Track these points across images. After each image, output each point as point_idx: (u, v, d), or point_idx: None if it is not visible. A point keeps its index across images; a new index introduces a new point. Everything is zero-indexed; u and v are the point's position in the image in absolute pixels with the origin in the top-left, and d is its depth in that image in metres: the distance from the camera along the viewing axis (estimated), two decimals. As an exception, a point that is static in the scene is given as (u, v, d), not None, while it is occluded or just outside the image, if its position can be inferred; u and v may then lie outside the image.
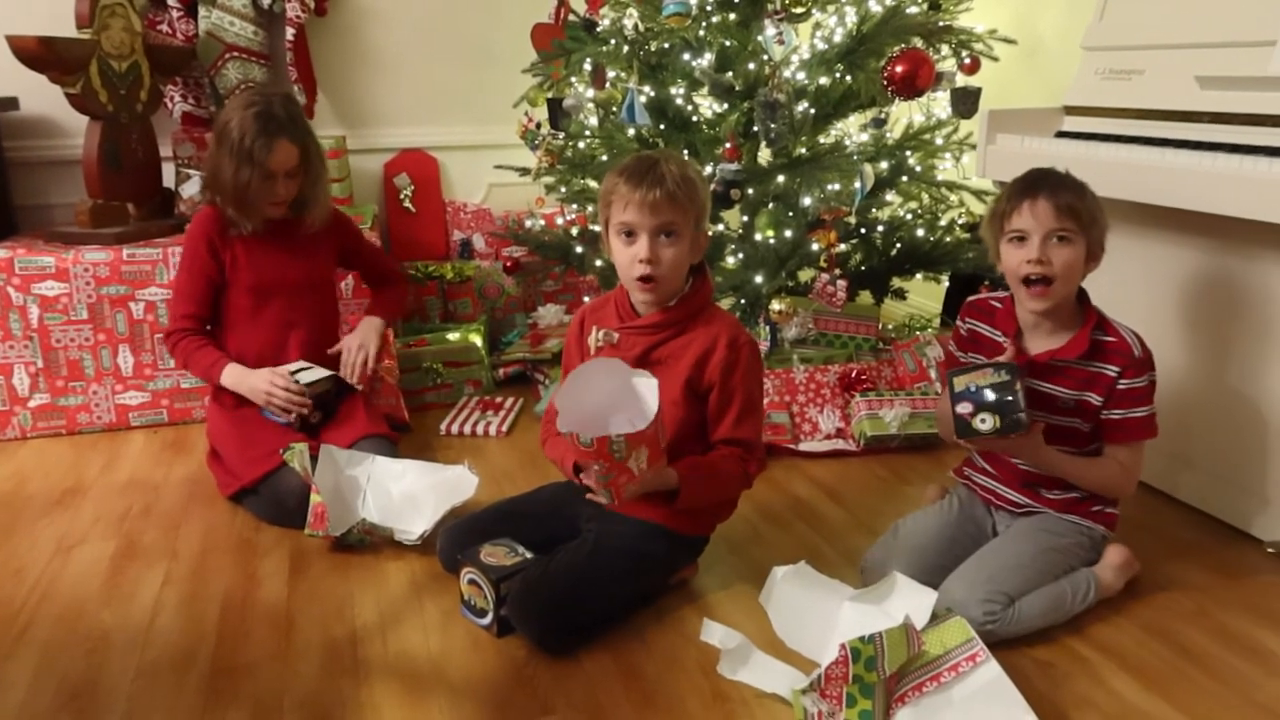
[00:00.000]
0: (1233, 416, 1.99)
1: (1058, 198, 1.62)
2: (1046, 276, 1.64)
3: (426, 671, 1.57)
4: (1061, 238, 1.63)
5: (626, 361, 1.71)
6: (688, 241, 1.65)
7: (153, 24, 3.04)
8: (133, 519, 2.12)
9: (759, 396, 1.75)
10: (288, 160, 2.11)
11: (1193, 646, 1.64)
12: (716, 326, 1.70)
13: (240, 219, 2.15)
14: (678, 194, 1.61)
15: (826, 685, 1.36)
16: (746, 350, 1.70)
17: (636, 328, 1.72)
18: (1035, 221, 1.63)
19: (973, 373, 1.61)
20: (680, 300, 1.71)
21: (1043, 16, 2.96)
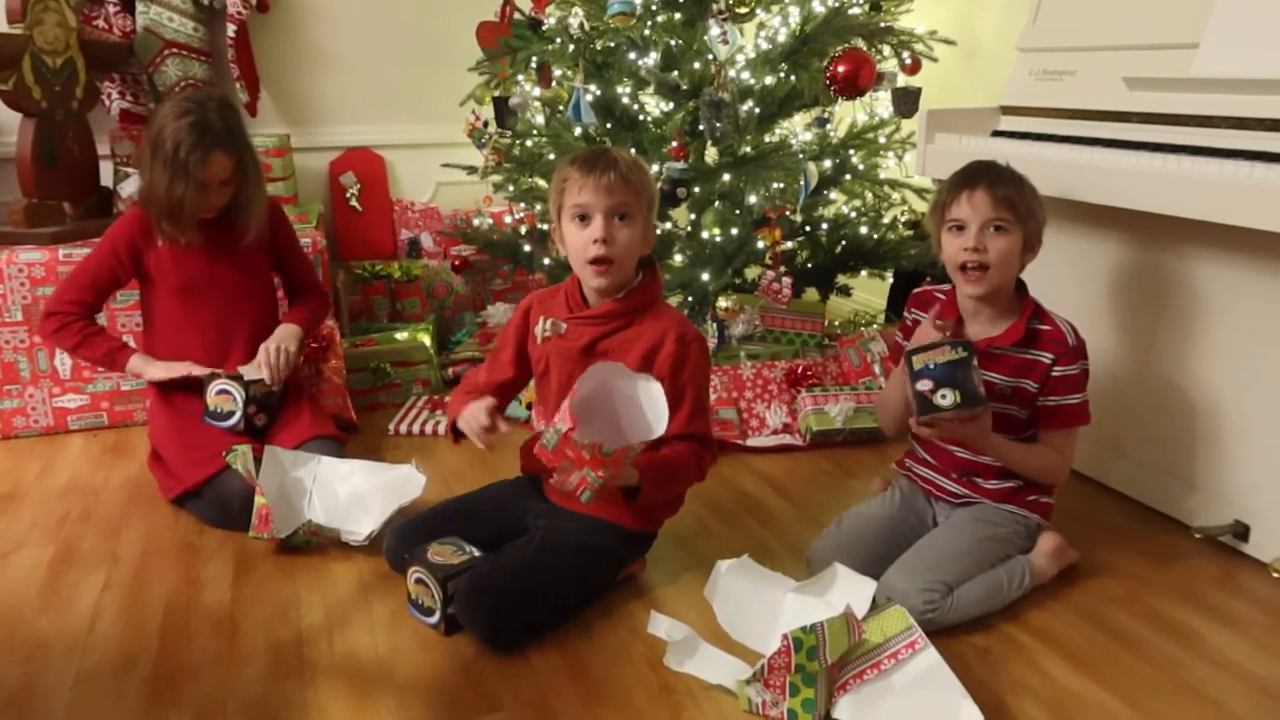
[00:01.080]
0: (1161, 405, 2.05)
1: (995, 189, 1.67)
2: (982, 264, 1.69)
3: (374, 671, 1.57)
4: (998, 227, 1.68)
5: (573, 351, 1.73)
6: (640, 226, 1.67)
7: (88, 19, 2.98)
8: (71, 524, 2.08)
9: (705, 391, 1.77)
10: (222, 172, 2.07)
11: (1124, 630, 1.69)
12: (665, 321, 1.72)
13: (172, 232, 2.10)
14: (630, 177, 1.64)
15: (770, 675, 1.39)
16: (695, 346, 1.71)
17: (585, 318, 1.73)
18: (973, 211, 1.69)
19: (930, 350, 1.63)
20: (629, 293, 1.72)
21: (981, 18, 3.03)
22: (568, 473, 1.51)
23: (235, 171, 2.10)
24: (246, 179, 2.13)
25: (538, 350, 1.80)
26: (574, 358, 1.74)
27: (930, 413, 1.62)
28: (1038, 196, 1.73)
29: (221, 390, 2.10)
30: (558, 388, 1.78)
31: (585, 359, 1.73)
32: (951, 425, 1.65)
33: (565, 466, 1.50)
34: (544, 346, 1.78)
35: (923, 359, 1.62)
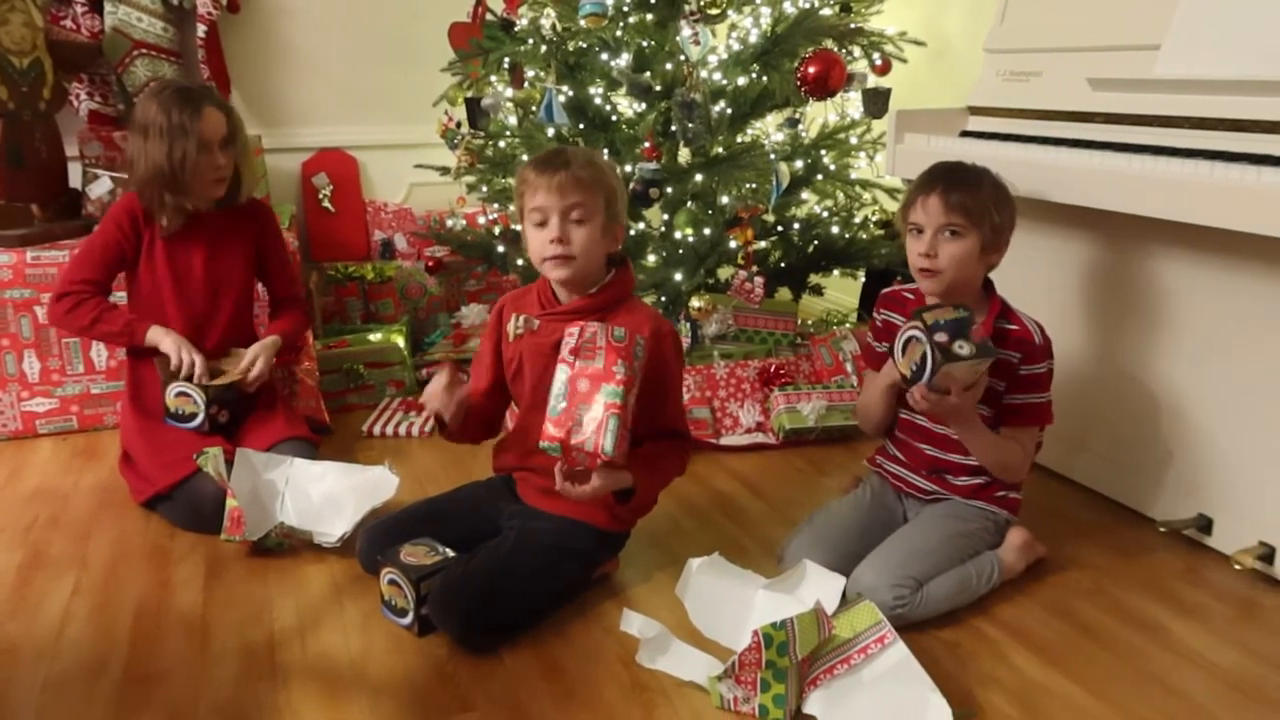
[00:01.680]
0: (1126, 401, 2.09)
1: (949, 195, 1.69)
2: (933, 268, 1.72)
3: (346, 672, 1.57)
4: (952, 232, 1.70)
5: (545, 347, 1.73)
6: (598, 224, 1.66)
7: (56, 19, 2.95)
8: (40, 528, 2.06)
9: (679, 385, 1.81)
10: (218, 127, 2.07)
11: (1090, 623, 1.71)
12: (639, 316, 1.72)
13: (183, 200, 2.08)
14: (583, 176, 1.63)
15: (741, 671, 1.40)
16: (670, 340, 1.73)
17: (557, 314, 1.73)
18: (927, 216, 1.71)
19: (936, 310, 1.63)
20: (601, 288, 1.72)
21: (950, 19, 3.06)
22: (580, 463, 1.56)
23: (231, 132, 2.10)
24: (239, 143, 2.13)
25: (510, 348, 1.80)
26: (546, 354, 1.74)
27: (950, 361, 1.58)
28: (1003, 197, 1.74)
29: (180, 393, 2.09)
30: (531, 385, 1.78)
31: (557, 355, 1.73)
32: (959, 389, 1.63)
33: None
34: (516, 344, 1.78)
35: (932, 316, 1.62)
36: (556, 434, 1.54)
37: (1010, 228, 1.75)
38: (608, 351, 1.56)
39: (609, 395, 1.54)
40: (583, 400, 1.55)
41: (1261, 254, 1.77)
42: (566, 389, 1.56)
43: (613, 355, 1.56)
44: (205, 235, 2.18)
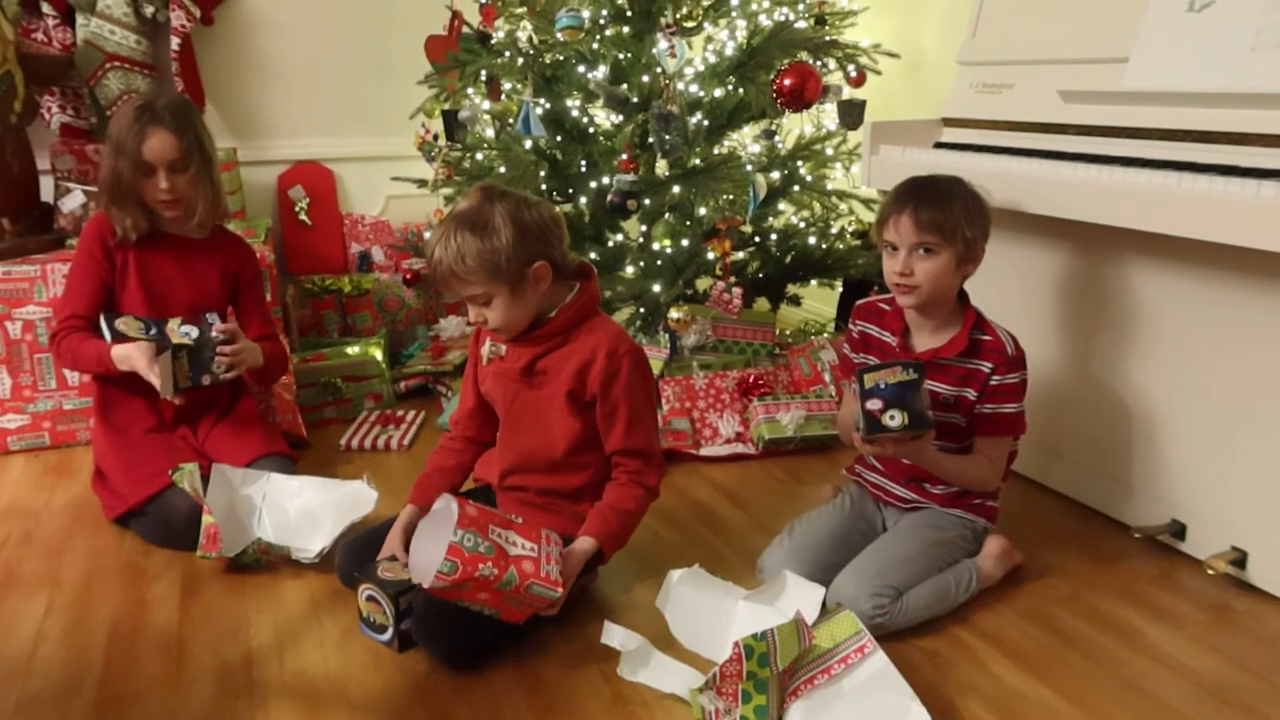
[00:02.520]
0: (1099, 409, 2.11)
1: (920, 214, 1.70)
2: (909, 285, 1.74)
3: (325, 690, 1.55)
4: (926, 250, 1.71)
5: (513, 371, 1.74)
6: (504, 297, 1.62)
7: (26, 32, 2.92)
8: (11, 547, 2.03)
9: (647, 404, 1.76)
10: (164, 150, 2.01)
11: (1067, 630, 1.73)
12: (597, 337, 1.71)
13: (119, 215, 2.05)
14: (458, 270, 1.58)
15: (722, 683, 1.40)
16: (627, 360, 1.70)
17: (522, 339, 1.74)
18: (900, 235, 1.73)
19: (882, 370, 1.65)
20: (560, 311, 1.71)
21: (924, 32, 3.09)
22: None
23: (184, 156, 2.04)
24: (193, 170, 2.07)
25: (482, 371, 1.81)
26: (515, 378, 1.76)
27: (877, 432, 1.64)
28: (975, 209, 1.75)
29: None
30: (503, 409, 1.80)
31: (525, 379, 1.75)
32: (894, 444, 1.68)
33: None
34: (487, 369, 1.80)
35: (874, 378, 1.65)
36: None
37: (984, 237, 1.77)
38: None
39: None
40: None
41: (1231, 263, 1.79)
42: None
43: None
44: (180, 260, 2.16)
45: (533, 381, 1.74)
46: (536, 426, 1.76)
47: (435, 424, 2.73)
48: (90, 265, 2.11)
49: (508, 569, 1.47)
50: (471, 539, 1.45)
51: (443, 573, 1.43)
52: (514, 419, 1.79)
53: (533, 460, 1.78)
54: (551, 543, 1.58)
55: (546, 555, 1.54)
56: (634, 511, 1.73)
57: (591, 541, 1.67)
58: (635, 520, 1.74)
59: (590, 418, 1.73)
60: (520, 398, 1.76)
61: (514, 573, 1.47)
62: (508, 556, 1.48)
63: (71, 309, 2.09)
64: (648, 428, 1.75)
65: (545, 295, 1.69)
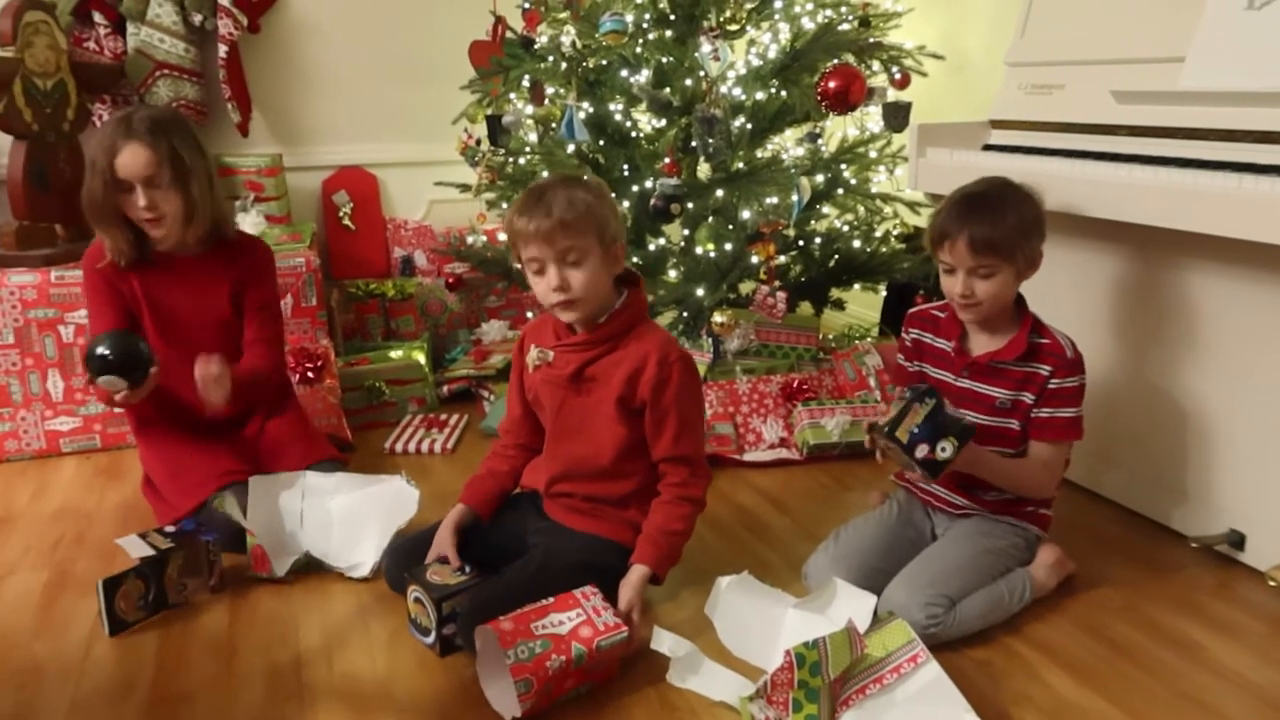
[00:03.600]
0: (1155, 415, 2.06)
1: (975, 239, 1.65)
2: (970, 304, 1.71)
3: (373, 693, 1.56)
4: (983, 274, 1.68)
5: (561, 378, 1.73)
6: (595, 259, 1.63)
7: (79, 41, 2.98)
8: (65, 548, 2.06)
9: (696, 412, 1.75)
10: (137, 165, 1.91)
11: (1123, 641, 1.69)
12: (648, 344, 1.70)
13: (103, 238, 2.00)
14: (568, 219, 1.59)
15: (773, 691, 1.39)
16: (678, 368, 1.69)
17: (570, 345, 1.73)
18: (956, 259, 1.69)
19: (904, 420, 1.62)
20: (610, 316, 1.70)
21: (969, 33, 3.05)
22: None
23: (160, 171, 1.92)
24: (171, 183, 1.95)
25: (529, 379, 1.81)
26: (563, 385, 1.75)
27: (942, 470, 1.61)
28: (1030, 220, 1.70)
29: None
30: (550, 415, 1.79)
31: (573, 385, 1.74)
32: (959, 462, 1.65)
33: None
34: (534, 376, 1.79)
35: (904, 429, 1.62)
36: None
37: (1041, 241, 1.73)
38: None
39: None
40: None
41: (1293, 266, 1.75)
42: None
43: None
44: (185, 283, 2.09)
45: (580, 388, 1.73)
46: (584, 433, 1.75)
47: (478, 428, 2.74)
48: (101, 301, 2.05)
49: (571, 647, 1.47)
50: (525, 649, 1.45)
51: (523, 694, 1.42)
52: (561, 426, 1.78)
53: (580, 468, 1.77)
54: (589, 598, 1.57)
55: (594, 609, 1.54)
56: (682, 531, 1.73)
57: (645, 569, 1.67)
58: (684, 539, 1.74)
59: (638, 425, 1.72)
60: (568, 404, 1.76)
61: (578, 647, 1.47)
62: (563, 638, 1.48)
63: (97, 332, 2.03)
64: (696, 436, 1.74)
65: (611, 288, 1.69)
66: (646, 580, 1.67)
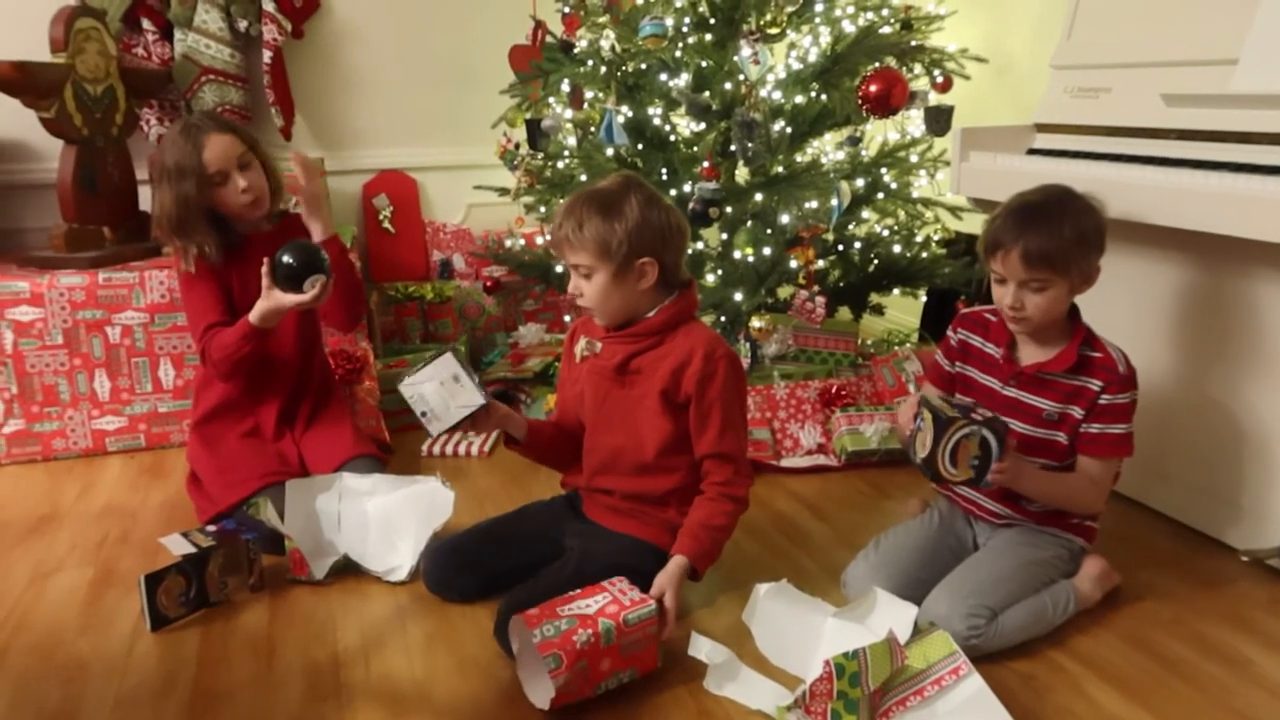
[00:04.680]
0: (1208, 427, 2.02)
1: (1029, 251, 1.61)
2: (1020, 318, 1.68)
3: (410, 694, 1.56)
4: (1035, 288, 1.65)
5: (607, 369, 1.75)
6: (604, 277, 1.65)
7: (128, 47, 3.03)
8: (110, 545, 2.10)
9: (740, 410, 1.75)
10: (227, 150, 2.03)
11: (1171, 655, 1.65)
12: (694, 339, 1.71)
13: (187, 245, 2.06)
14: (573, 239, 1.65)
15: (811, 701, 1.37)
16: (724, 364, 1.70)
17: (618, 336, 1.75)
18: (1008, 270, 1.66)
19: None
20: (660, 310, 1.72)
21: (1012, 36, 3.01)
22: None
23: (244, 152, 2.06)
24: (259, 157, 2.10)
25: (576, 369, 1.82)
26: (608, 376, 1.76)
27: (985, 472, 1.60)
28: (1091, 231, 1.65)
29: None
30: (592, 407, 1.79)
31: (618, 377, 1.75)
32: (1011, 458, 1.63)
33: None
34: (580, 366, 1.80)
35: (953, 409, 1.60)
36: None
37: (1099, 257, 1.67)
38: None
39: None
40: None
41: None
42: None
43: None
44: (258, 255, 2.13)
45: (625, 380, 1.74)
46: (626, 426, 1.76)
47: (515, 431, 2.74)
48: (200, 280, 2.11)
49: (598, 622, 1.48)
50: (551, 627, 1.47)
51: (553, 669, 1.43)
52: (604, 418, 1.79)
53: (620, 461, 1.78)
54: (615, 584, 1.58)
55: (620, 591, 1.55)
56: (724, 527, 1.72)
57: (684, 560, 1.66)
58: (726, 535, 1.73)
59: (681, 420, 1.72)
60: (611, 396, 1.76)
61: (605, 622, 1.48)
62: (590, 616, 1.49)
63: (206, 321, 2.10)
64: (739, 434, 1.74)
65: (647, 294, 1.70)
66: (684, 571, 1.66)
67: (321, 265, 2.01)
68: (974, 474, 1.60)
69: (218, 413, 2.19)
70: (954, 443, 1.59)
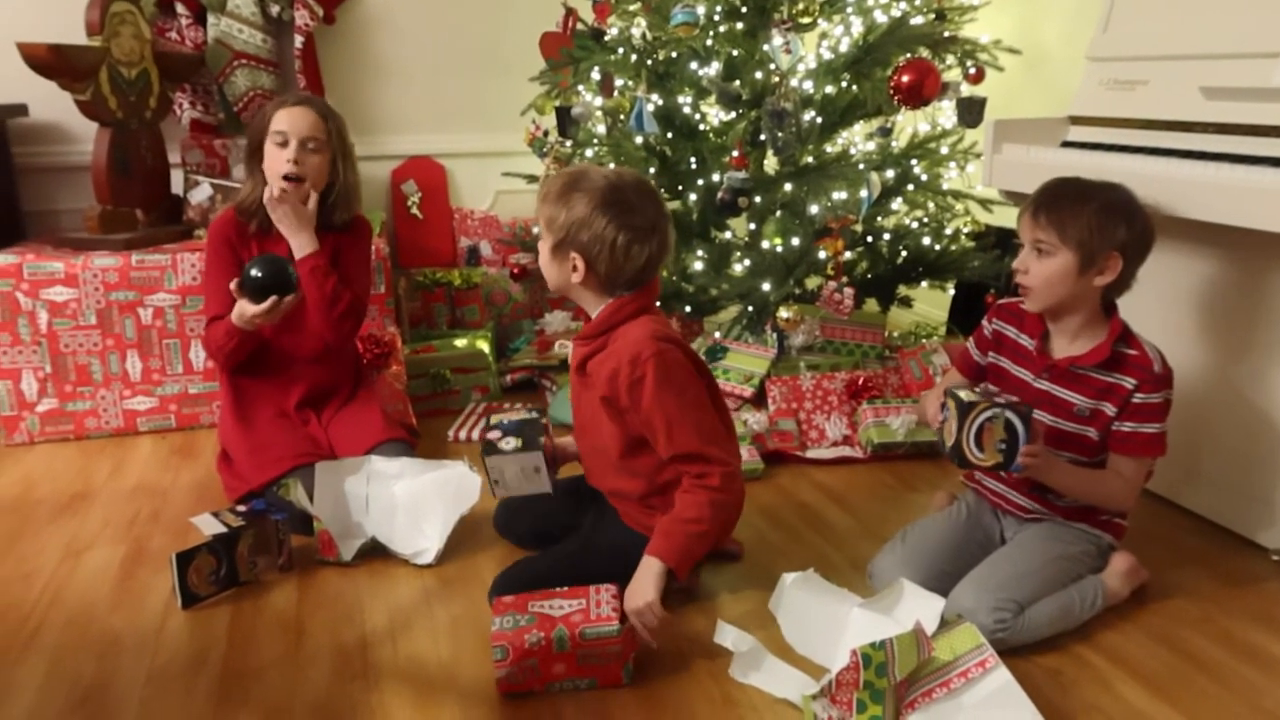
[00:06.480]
0: (1241, 425, 1.99)
1: (1040, 212, 1.63)
2: (1023, 285, 1.69)
3: (437, 676, 1.58)
4: (1039, 250, 1.65)
5: (573, 371, 1.78)
6: (547, 247, 1.68)
7: (162, 31, 3.06)
8: (141, 523, 2.12)
9: (680, 405, 1.63)
10: (302, 123, 2.08)
11: (1199, 653, 1.64)
12: (625, 342, 1.64)
13: (251, 184, 2.15)
14: (540, 196, 1.69)
15: (838, 691, 1.37)
16: (651, 365, 1.61)
17: (578, 339, 1.76)
18: (1022, 232, 1.68)
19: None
20: (600, 311, 1.69)
21: (1046, 27, 2.98)
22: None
23: (326, 138, 2.12)
24: (343, 149, 2.16)
25: None
26: (576, 378, 1.78)
27: (1015, 455, 1.60)
28: (1117, 219, 1.63)
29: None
30: (574, 408, 1.84)
31: (580, 379, 1.76)
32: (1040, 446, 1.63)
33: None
34: None
35: (970, 395, 1.60)
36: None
37: (1119, 250, 1.64)
38: None
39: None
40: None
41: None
42: None
43: None
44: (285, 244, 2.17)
45: (585, 382, 1.75)
46: (593, 427, 1.76)
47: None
48: (220, 267, 2.16)
49: (555, 628, 1.50)
50: (510, 620, 1.51)
51: (498, 660, 1.49)
52: (579, 418, 1.82)
53: (597, 461, 1.80)
54: (601, 592, 1.57)
55: (596, 602, 1.55)
56: (697, 519, 1.62)
57: (654, 562, 1.60)
58: (703, 527, 1.62)
59: (629, 424, 1.69)
60: (581, 399, 1.79)
61: (562, 630, 1.50)
62: (552, 619, 1.51)
63: (212, 311, 2.16)
64: (691, 428, 1.63)
65: (587, 290, 1.69)
66: (658, 575, 1.58)
67: (285, 284, 2.04)
68: (1002, 458, 1.60)
69: (249, 393, 2.20)
70: (978, 425, 1.59)
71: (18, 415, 2.59)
